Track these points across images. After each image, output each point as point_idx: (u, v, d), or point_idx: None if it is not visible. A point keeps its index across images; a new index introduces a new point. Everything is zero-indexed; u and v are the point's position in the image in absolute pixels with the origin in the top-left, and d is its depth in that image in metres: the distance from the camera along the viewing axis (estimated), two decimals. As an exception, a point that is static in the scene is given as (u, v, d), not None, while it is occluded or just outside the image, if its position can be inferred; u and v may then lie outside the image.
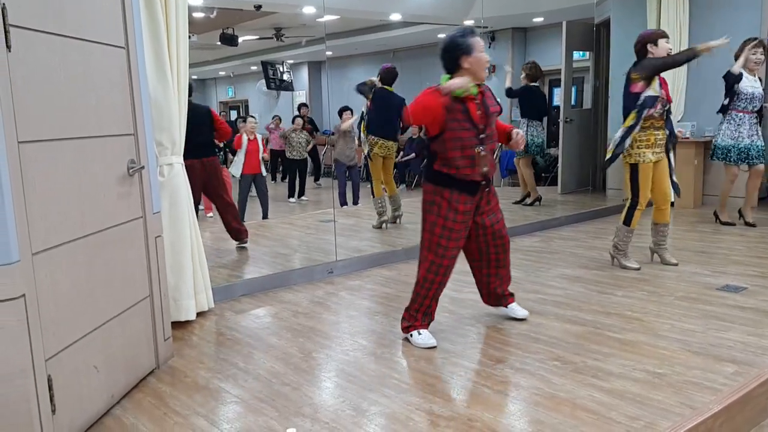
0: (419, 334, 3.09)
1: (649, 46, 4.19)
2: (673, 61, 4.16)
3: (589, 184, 8.28)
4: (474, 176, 2.97)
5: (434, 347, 3.04)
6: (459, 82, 2.88)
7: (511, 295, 3.42)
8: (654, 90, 4.14)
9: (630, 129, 4.17)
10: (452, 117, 2.90)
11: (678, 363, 2.76)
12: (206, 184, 5.10)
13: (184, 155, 4.97)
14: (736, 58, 5.54)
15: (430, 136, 3.00)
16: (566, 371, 2.71)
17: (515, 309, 3.39)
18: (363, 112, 6.23)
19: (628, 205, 4.37)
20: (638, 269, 4.37)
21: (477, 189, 3.03)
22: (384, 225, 6.23)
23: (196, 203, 5.12)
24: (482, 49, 2.94)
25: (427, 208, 3.03)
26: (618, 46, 7.52)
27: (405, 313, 3.17)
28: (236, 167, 6.71)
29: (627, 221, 4.37)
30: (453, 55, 2.93)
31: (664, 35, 4.22)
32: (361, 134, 6.21)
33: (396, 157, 6.58)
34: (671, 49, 4.22)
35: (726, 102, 5.64)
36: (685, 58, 4.18)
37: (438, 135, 2.96)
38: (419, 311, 3.11)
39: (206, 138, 5.12)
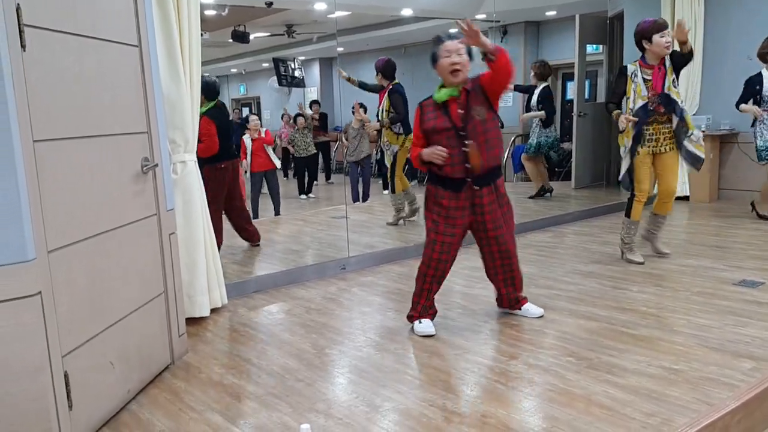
0: (420, 323, 3.21)
1: (644, 42, 4.12)
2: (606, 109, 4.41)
3: (603, 178, 8.21)
4: (455, 174, 3.01)
5: (432, 336, 3.13)
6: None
7: (524, 297, 3.43)
8: (641, 97, 4.12)
9: (634, 141, 4.19)
10: (430, 124, 3.03)
11: (694, 359, 2.74)
12: (230, 186, 5.01)
13: (223, 158, 4.96)
14: (760, 57, 5.33)
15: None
16: (580, 367, 2.70)
17: (530, 309, 3.39)
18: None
19: (629, 196, 4.38)
20: (642, 263, 4.34)
21: (461, 186, 3.04)
22: (402, 222, 6.16)
23: (230, 202, 5.13)
24: (447, 53, 2.95)
25: (423, 203, 3.21)
26: (632, 40, 7.43)
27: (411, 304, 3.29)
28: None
29: (627, 212, 4.40)
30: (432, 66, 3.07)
31: (661, 29, 4.03)
32: (383, 135, 5.94)
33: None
34: (670, 42, 4.05)
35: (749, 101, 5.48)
36: (608, 111, 4.38)
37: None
38: (419, 303, 3.23)
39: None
